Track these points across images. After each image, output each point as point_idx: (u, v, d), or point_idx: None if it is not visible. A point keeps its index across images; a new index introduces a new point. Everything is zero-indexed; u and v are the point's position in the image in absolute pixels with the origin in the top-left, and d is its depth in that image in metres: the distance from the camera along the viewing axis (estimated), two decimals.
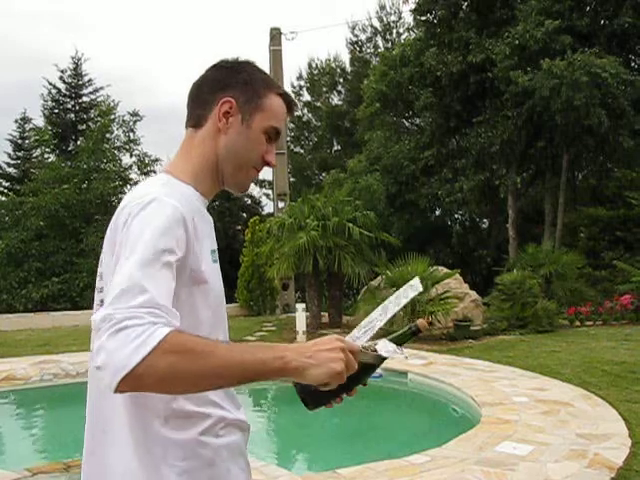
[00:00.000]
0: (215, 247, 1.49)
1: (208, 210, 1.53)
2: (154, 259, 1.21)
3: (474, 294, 13.60)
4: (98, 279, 1.48)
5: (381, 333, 1.42)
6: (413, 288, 1.53)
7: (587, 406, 6.51)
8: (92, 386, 1.44)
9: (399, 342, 1.42)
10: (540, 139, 17.70)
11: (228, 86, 1.49)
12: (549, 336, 11.71)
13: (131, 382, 1.09)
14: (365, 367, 1.36)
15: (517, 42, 16.43)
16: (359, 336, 1.42)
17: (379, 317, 1.49)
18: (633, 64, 18.96)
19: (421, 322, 1.46)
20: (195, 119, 1.51)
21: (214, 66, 1.54)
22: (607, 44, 17.08)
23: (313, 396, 1.39)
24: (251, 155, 1.49)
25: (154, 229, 1.25)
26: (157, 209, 1.29)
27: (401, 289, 1.55)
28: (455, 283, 13.34)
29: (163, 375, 1.10)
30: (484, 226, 25.96)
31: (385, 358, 1.38)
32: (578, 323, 13.26)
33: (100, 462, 1.37)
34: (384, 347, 1.40)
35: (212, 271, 1.42)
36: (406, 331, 1.45)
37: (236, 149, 1.47)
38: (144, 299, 1.14)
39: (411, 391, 8.30)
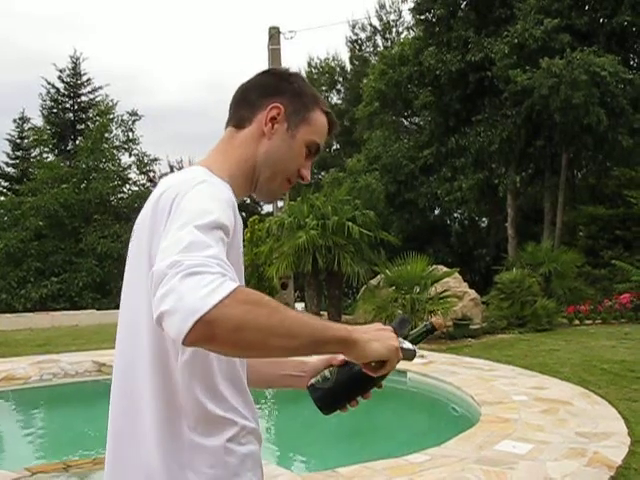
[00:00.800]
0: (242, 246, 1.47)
1: None
2: (213, 227, 1.17)
3: (473, 293, 13.60)
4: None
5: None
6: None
7: (586, 405, 6.51)
8: (117, 385, 1.39)
9: (414, 341, 1.41)
10: (539, 138, 17.72)
11: (278, 93, 1.48)
12: (548, 335, 11.72)
13: (203, 328, 1.03)
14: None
15: (516, 41, 16.44)
16: (402, 341, 1.40)
17: (420, 330, 1.48)
18: (632, 63, 18.98)
19: (436, 320, 1.46)
20: (238, 119, 1.49)
21: (265, 72, 1.55)
22: (606, 43, 17.09)
23: (328, 399, 1.39)
24: (290, 165, 1.48)
25: (210, 203, 1.23)
26: (211, 187, 1.28)
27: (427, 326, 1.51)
28: (454, 282, 13.34)
29: (237, 324, 1.05)
30: (483, 225, 25.97)
31: (414, 353, 1.37)
32: (577, 322, 13.27)
33: (125, 464, 1.34)
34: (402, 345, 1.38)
35: (241, 262, 1.41)
36: (421, 329, 1.43)
37: (277, 156, 1.46)
38: (212, 252, 1.11)
39: (410, 390, 8.30)
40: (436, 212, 24.76)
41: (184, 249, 1.10)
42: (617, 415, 6.06)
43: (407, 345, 1.37)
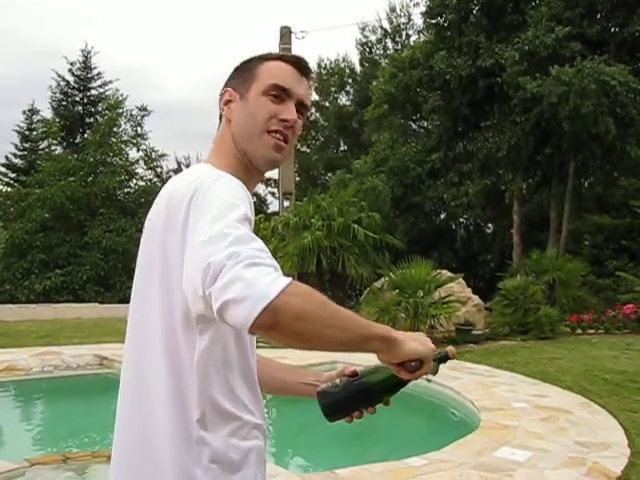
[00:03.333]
0: None
1: None
2: (244, 220, 1.20)
3: (477, 298, 13.59)
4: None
5: None
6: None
7: (587, 414, 6.50)
8: (127, 378, 1.38)
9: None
10: (547, 145, 17.69)
11: (229, 79, 1.53)
12: (550, 343, 11.70)
13: (269, 315, 1.06)
14: (396, 383, 1.38)
15: (527, 48, 16.41)
16: None
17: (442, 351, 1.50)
18: None
19: (450, 350, 1.44)
20: (219, 122, 1.54)
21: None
22: (617, 52, 17.05)
23: (334, 406, 1.39)
24: (256, 121, 1.44)
25: (235, 197, 1.25)
26: (231, 182, 1.30)
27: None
28: (458, 287, 13.33)
29: (298, 312, 1.09)
30: (488, 231, 25.92)
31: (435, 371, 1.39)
32: (580, 331, 13.24)
33: (135, 460, 1.34)
34: None
35: None
36: (435, 357, 1.38)
37: (242, 125, 1.46)
38: (260, 245, 1.15)
39: (410, 394, 8.29)
40: (442, 216, 24.70)
41: (234, 242, 1.12)
42: (617, 426, 6.05)
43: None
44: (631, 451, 5.22)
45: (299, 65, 1.50)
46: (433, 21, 20.26)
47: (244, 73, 1.49)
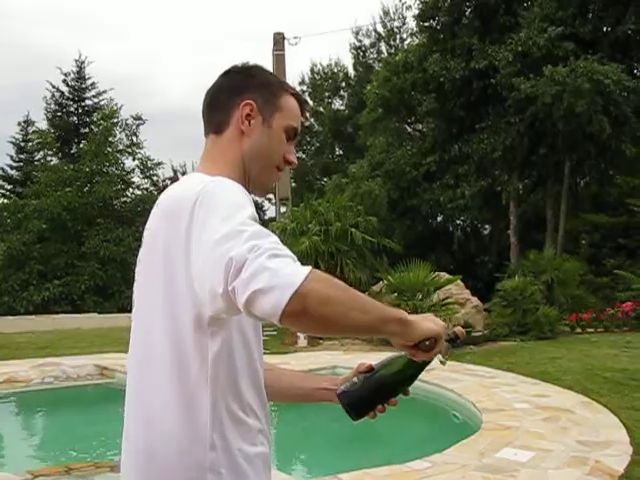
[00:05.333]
0: None
1: None
2: (253, 219, 1.23)
3: (475, 300, 13.58)
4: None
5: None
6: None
7: (588, 413, 6.50)
8: (132, 391, 1.39)
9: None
10: (542, 146, 17.71)
11: (245, 90, 1.50)
12: (550, 343, 11.70)
13: (297, 301, 1.09)
14: (412, 371, 1.42)
15: (520, 49, 16.46)
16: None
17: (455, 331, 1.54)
18: (636, 71, 18.98)
19: (459, 330, 1.47)
20: (215, 125, 1.52)
21: (227, 73, 1.56)
22: (610, 51, 17.09)
23: (356, 404, 1.42)
24: (274, 154, 1.51)
25: (240, 198, 1.28)
26: (232, 186, 1.32)
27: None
28: (456, 289, 13.32)
29: (324, 297, 1.12)
30: (486, 232, 25.94)
31: (423, 364, 1.42)
32: (579, 330, 13.25)
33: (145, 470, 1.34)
34: None
35: None
36: (445, 338, 1.41)
37: (261, 150, 1.49)
38: (276, 239, 1.19)
39: (411, 397, 8.27)
40: (439, 219, 24.74)
41: (252, 236, 1.15)
42: (619, 424, 6.05)
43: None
44: (633, 449, 5.22)
45: (304, 109, 1.59)
46: (426, 24, 20.31)
47: (266, 94, 1.51)
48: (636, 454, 5.09)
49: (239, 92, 1.50)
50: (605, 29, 17.80)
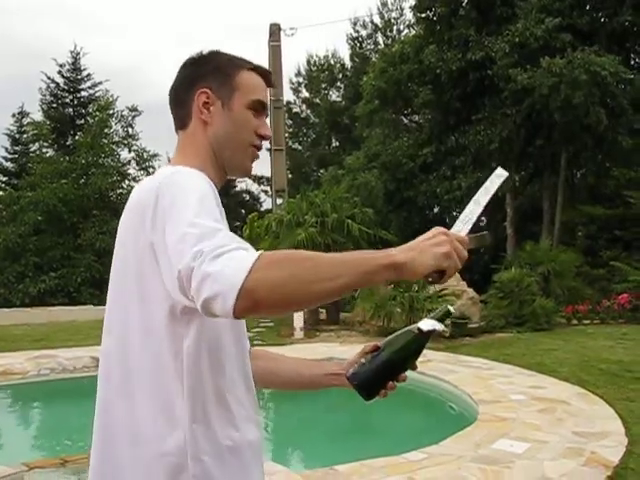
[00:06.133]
0: None
1: None
2: (205, 202, 1.22)
3: (472, 292, 13.59)
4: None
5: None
6: (498, 175, 1.54)
7: (584, 404, 6.52)
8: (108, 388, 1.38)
9: (441, 320, 1.45)
10: (539, 137, 17.70)
11: (200, 78, 1.49)
12: (546, 334, 11.72)
13: (245, 299, 1.06)
14: (417, 345, 1.41)
15: (517, 40, 16.41)
16: (461, 228, 1.38)
17: (474, 209, 1.49)
18: (632, 62, 18.96)
19: (449, 308, 1.48)
20: (180, 121, 1.52)
21: (182, 65, 1.55)
22: (607, 42, 17.07)
23: (367, 384, 1.43)
24: (242, 135, 1.49)
25: (197, 191, 1.25)
26: (187, 175, 1.31)
27: (487, 181, 1.56)
28: (453, 280, 13.31)
29: (273, 283, 1.08)
30: (482, 224, 25.98)
31: (428, 333, 1.40)
32: (575, 321, 13.27)
33: (119, 462, 1.34)
34: (426, 323, 1.42)
35: None
36: (443, 309, 1.46)
37: (226, 134, 1.47)
38: (224, 234, 1.15)
39: (408, 388, 8.27)
40: (435, 210, 24.74)
41: (198, 240, 1.13)
42: (614, 415, 6.07)
43: (429, 323, 1.41)
44: (628, 440, 5.24)
45: (268, 79, 1.56)
46: (423, 15, 20.24)
47: (220, 77, 1.49)
48: (631, 445, 5.10)
49: (194, 82, 1.49)
50: (602, 20, 17.77)
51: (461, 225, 1.38)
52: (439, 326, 1.41)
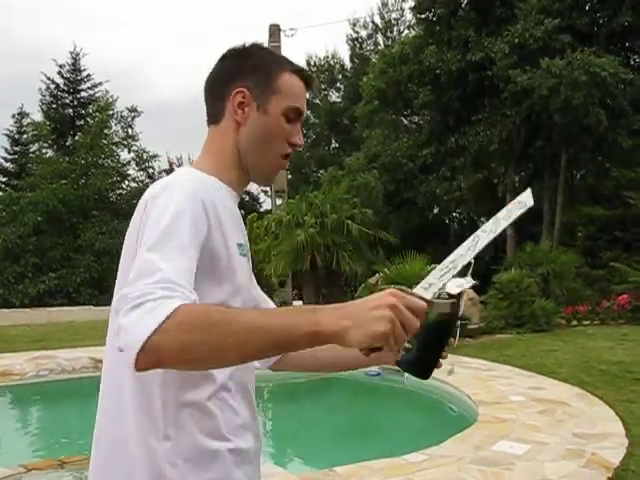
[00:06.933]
0: (242, 241, 1.43)
1: None
2: (171, 240, 1.18)
3: (471, 292, 13.56)
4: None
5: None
6: (521, 205, 1.35)
7: (584, 405, 6.50)
8: (104, 389, 1.38)
9: (462, 275, 1.32)
10: (539, 138, 17.70)
11: (239, 75, 1.43)
12: (546, 335, 11.71)
13: (148, 355, 1.03)
14: (441, 321, 1.23)
15: (516, 41, 16.42)
16: (433, 282, 1.20)
17: (464, 252, 1.29)
18: (632, 63, 18.96)
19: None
20: (213, 116, 1.47)
21: (223, 57, 1.48)
22: (606, 43, 17.09)
23: (420, 366, 1.34)
24: (273, 142, 1.43)
25: (171, 212, 1.21)
26: (174, 193, 1.26)
27: (504, 209, 1.36)
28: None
29: (180, 345, 1.04)
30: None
31: (458, 296, 1.23)
32: (575, 322, 13.26)
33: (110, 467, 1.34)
34: (453, 285, 1.26)
35: (237, 262, 1.37)
36: (466, 265, 1.34)
37: (256, 139, 1.42)
38: (159, 277, 1.10)
39: (407, 389, 8.29)
40: (435, 211, 24.74)
41: (133, 279, 1.11)
42: (615, 416, 6.05)
43: (456, 284, 1.24)
44: (629, 441, 5.22)
45: (309, 83, 1.49)
46: (422, 16, 20.25)
47: (261, 76, 1.42)
48: (631, 446, 5.09)
49: (233, 79, 1.43)
50: (602, 21, 17.77)
51: (435, 279, 1.21)
52: (467, 282, 1.30)
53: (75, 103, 26.23)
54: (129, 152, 25.14)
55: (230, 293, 1.34)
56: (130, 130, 25.02)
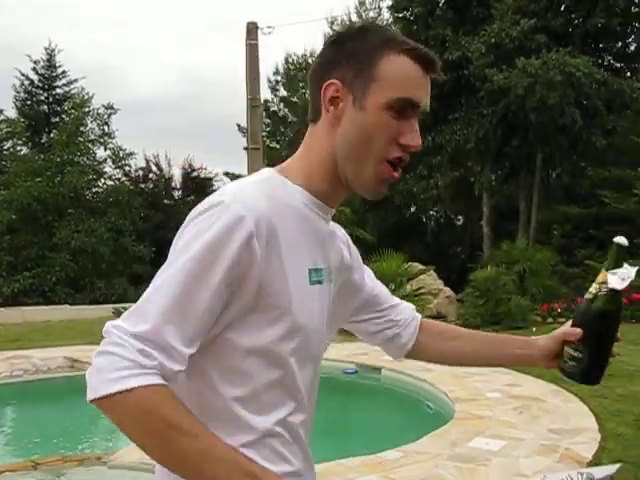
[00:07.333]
0: (321, 266, 1.22)
1: None
2: (188, 281, 1.04)
3: (448, 290, 13.68)
4: None
5: None
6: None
7: (559, 402, 6.58)
8: None
9: (619, 265, 1.34)
10: (515, 137, 17.87)
11: (334, 64, 1.19)
12: (522, 332, 11.79)
13: (102, 406, 1.00)
14: (617, 307, 1.31)
15: (493, 40, 16.56)
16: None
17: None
18: (606, 63, 19.20)
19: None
20: (312, 112, 1.24)
21: (324, 44, 1.25)
22: (581, 44, 17.28)
23: (594, 373, 1.35)
24: (372, 145, 1.15)
25: (200, 247, 1.04)
26: (214, 218, 1.06)
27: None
28: (430, 279, 13.40)
29: (119, 421, 1.01)
30: (459, 223, 26.13)
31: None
32: (551, 320, 13.39)
33: None
34: (614, 280, 1.31)
35: (300, 294, 1.14)
36: (618, 250, 1.35)
37: (351, 142, 1.17)
38: (141, 329, 1.01)
39: (384, 387, 8.32)
40: (412, 210, 24.86)
41: (128, 314, 1.05)
42: (588, 412, 6.13)
43: (619, 277, 1.31)
44: (602, 436, 5.30)
45: (429, 65, 1.18)
46: (400, 15, 20.32)
47: (358, 63, 1.16)
48: (604, 441, 5.16)
49: (329, 69, 1.19)
50: (576, 22, 17.98)
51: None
52: (630, 272, 1.28)
53: (50, 100, 25.91)
54: (105, 150, 24.87)
55: (280, 335, 1.13)
56: (106, 127, 24.76)
